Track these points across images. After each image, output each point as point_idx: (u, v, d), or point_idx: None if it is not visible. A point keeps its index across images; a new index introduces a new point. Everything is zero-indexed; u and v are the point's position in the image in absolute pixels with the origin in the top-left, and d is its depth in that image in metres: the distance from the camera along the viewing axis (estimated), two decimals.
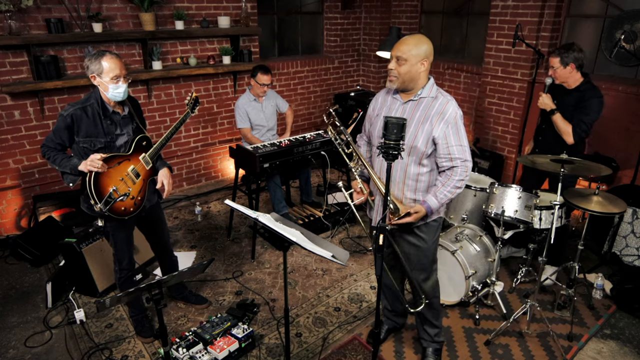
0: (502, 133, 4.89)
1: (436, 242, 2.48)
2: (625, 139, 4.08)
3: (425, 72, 2.21)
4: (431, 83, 2.25)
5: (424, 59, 2.16)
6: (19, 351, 2.80)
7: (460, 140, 2.20)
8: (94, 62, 2.36)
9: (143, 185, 2.60)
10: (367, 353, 2.78)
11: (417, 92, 2.23)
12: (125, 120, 2.57)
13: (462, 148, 2.20)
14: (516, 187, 3.13)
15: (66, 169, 2.40)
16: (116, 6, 4.12)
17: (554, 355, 2.79)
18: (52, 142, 2.43)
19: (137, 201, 2.57)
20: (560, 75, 3.17)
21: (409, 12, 5.80)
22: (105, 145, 2.47)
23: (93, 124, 2.43)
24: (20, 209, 4.11)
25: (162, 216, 2.95)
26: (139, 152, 2.56)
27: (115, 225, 2.61)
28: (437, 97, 2.22)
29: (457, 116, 2.18)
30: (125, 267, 2.74)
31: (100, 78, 2.38)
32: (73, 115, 2.38)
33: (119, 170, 2.47)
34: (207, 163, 5.21)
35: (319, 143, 3.87)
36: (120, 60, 2.41)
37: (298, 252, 3.86)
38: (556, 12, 4.31)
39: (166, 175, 2.64)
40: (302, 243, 1.96)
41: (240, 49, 4.85)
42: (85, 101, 2.44)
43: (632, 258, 3.55)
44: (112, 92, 2.41)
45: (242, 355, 2.75)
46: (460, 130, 2.20)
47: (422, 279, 2.51)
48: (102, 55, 2.37)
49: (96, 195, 2.37)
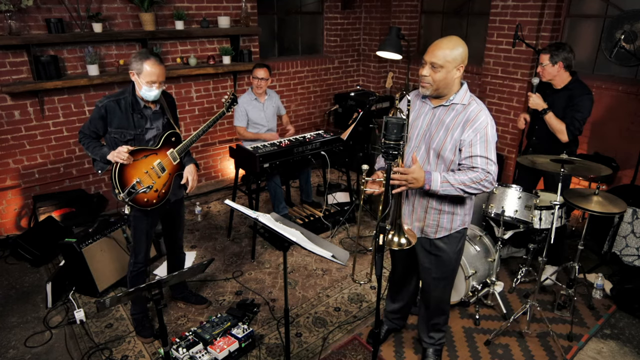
0: (502, 133, 4.89)
1: (459, 253, 2.39)
2: (625, 139, 4.08)
3: (459, 78, 2.09)
4: (464, 89, 2.13)
5: (460, 64, 2.03)
6: (19, 351, 2.80)
7: (487, 152, 2.06)
8: (137, 61, 2.47)
9: (169, 179, 2.69)
10: (367, 353, 2.78)
11: (449, 97, 2.12)
12: (156, 115, 2.66)
13: (486, 161, 2.06)
14: (516, 187, 3.13)
15: (97, 157, 2.54)
16: (116, 6, 4.11)
17: (554, 355, 2.79)
18: (87, 129, 2.56)
19: (161, 194, 2.66)
20: (548, 73, 3.17)
21: (409, 12, 5.80)
22: (135, 138, 2.58)
23: (124, 117, 2.54)
24: (20, 209, 4.11)
25: (183, 212, 3.05)
26: (167, 147, 2.67)
27: (139, 215, 2.69)
28: (470, 104, 2.10)
29: (488, 126, 2.05)
30: (140, 261, 2.79)
31: (137, 77, 2.49)
32: (107, 107, 2.51)
33: (144, 163, 2.58)
34: (207, 163, 5.21)
35: (319, 143, 3.87)
36: (161, 68, 2.51)
37: (298, 252, 3.86)
38: (556, 12, 4.31)
39: (191, 172, 2.77)
40: (302, 243, 1.96)
41: (240, 49, 4.85)
42: (120, 94, 2.57)
43: (632, 258, 3.55)
44: (144, 92, 2.53)
45: (242, 355, 2.75)
46: (489, 142, 2.06)
47: (441, 287, 2.46)
48: (147, 58, 2.47)
49: (120, 185, 2.48)
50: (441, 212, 2.24)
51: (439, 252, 2.34)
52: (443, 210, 2.23)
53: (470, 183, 2.05)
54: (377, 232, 1.87)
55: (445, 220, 2.26)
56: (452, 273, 2.45)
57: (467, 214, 2.30)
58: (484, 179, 2.05)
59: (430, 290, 2.49)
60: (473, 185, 2.06)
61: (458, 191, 2.07)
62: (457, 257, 2.40)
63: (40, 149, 4.05)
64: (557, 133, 3.15)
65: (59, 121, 4.08)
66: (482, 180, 2.05)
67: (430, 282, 2.46)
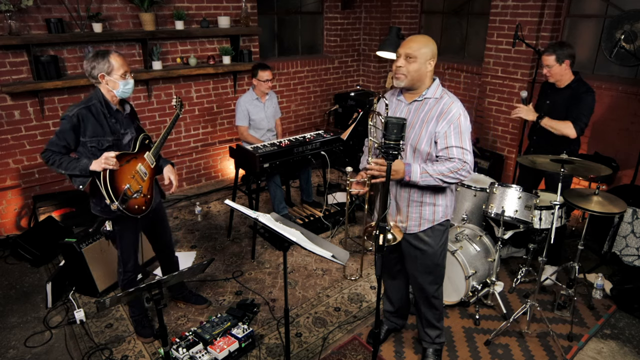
0: (502, 133, 4.89)
1: (443, 246, 2.43)
2: (625, 139, 4.08)
3: (431, 72, 2.20)
4: (436, 84, 2.23)
5: (431, 58, 2.16)
6: (19, 351, 2.80)
7: (462, 142, 2.14)
8: (101, 62, 2.38)
9: (150, 184, 2.63)
10: (367, 353, 2.78)
11: (421, 92, 2.22)
12: (128, 119, 2.60)
13: (462, 150, 2.14)
14: (516, 187, 3.13)
15: (75, 171, 2.37)
16: (116, 6, 4.11)
17: (554, 355, 2.79)
18: (55, 145, 2.39)
19: (147, 199, 2.59)
20: (556, 73, 3.16)
21: (409, 12, 5.80)
22: (113, 144, 2.49)
23: (99, 123, 2.43)
24: (20, 209, 4.11)
25: (165, 215, 2.97)
26: (143, 151, 2.60)
27: (125, 226, 2.62)
28: (442, 97, 2.19)
29: (460, 117, 2.14)
30: (129, 270, 2.74)
31: (110, 76, 2.40)
32: (79, 115, 2.37)
33: (129, 168, 2.49)
34: (207, 163, 5.21)
35: (319, 143, 3.87)
36: (124, 57, 2.46)
37: (298, 252, 3.86)
38: (556, 12, 4.32)
39: (172, 171, 2.72)
40: (302, 243, 1.96)
41: (240, 49, 4.85)
42: (88, 101, 2.44)
43: (632, 258, 3.55)
44: (122, 89, 2.45)
45: (242, 355, 2.75)
46: (463, 131, 2.15)
47: (428, 282, 2.49)
48: (108, 53, 2.40)
49: (112, 194, 2.36)
50: (422, 204, 2.29)
51: (424, 246, 2.37)
52: (425, 202, 2.29)
53: (448, 173, 2.12)
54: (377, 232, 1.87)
55: (427, 212, 2.31)
56: (438, 268, 2.46)
57: (449, 205, 2.36)
58: (461, 169, 2.13)
59: (418, 285, 2.51)
60: (451, 175, 2.13)
61: (437, 181, 2.14)
62: (442, 250, 2.43)
63: (40, 149, 4.03)
64: (564, 131, 3.10)
65: (58, 121, 4.07)
66: (460, 169, 2.13)
67: (417, 276, 2.48)
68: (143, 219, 2.64)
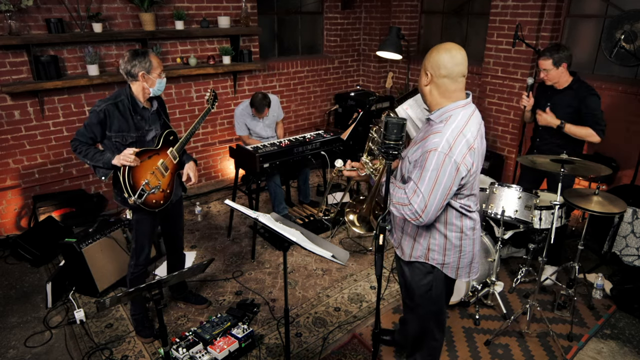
0: (502, 133, 4.89)
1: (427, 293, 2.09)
2: (625, 139, 4.08)
3: (434, 88, 1.90)
4: (446, 108, 1.87)
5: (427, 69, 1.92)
6: (19, 351, 2.80)
7: (420, 180, 1.79)
8: (142, 61, 2.46)
9: (171, 179, 2.71)
10: (367, 353, 2.78)
11: (431, 113, 1.95)
12: (154, 116, 2.66)
13: (414, 188, 1.81)
14: (516, 187, 3.12)
15: (99, 163, 2.47)
16: (116, 6, 4.11)
17: (554, 355, 2.79)
18: (83, 136, 2.49)
19: (167, 194, 2.67)
20: (553, 77, 3.15)
21: (409, 12, 5.80)
22: (137, 140, 2.57)
23: (124, 119, 2.51)
24: (20, 209, 4.11)
25: (182, 211, 3.04)
26: (166, 147, 2.67)
27: (143, 218, 2.68)
28: (440, 122, 1.86)
29: (433, 152, 1.76)
30: (141, 263, 2.78)
31: (149, 75, 2.48)
32: (106, 111, 2.45)
33: (149, 164, 2.57)
34: (207, 163, 5.21)
35: (319, 143, 3.88)
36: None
37: (298, 252, 3.86)
38: (556, 12, 4.31)
39: (192, 168, 2.80)
40: (302, 243, 1.96)
41: (240, 49, 4.85)
42: (116, 97, 2.52)
43: (632, 258, 3.55)
44: (157, 87, 2.55)
45: (242, 355, 2.75)
46: (426, 169, 1.77)
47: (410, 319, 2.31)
48: (148, 53, 2.49)
49: (130, 188, 2.44)
50: (404, 232, 2.10)
51: (405, 278, 2.19)
52: (405, 231, 2.09)
53: (395, 201, 1.88)
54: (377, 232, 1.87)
55: (406, 243, 2.10)
56: (419, 308, 2.17)
57: (436, 250, 2.00)
58: (405, 205, 1.84)
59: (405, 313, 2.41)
60: (396, 204, 1.88)
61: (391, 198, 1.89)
62: (424, 295, 2.10)
63: (40, 149, 4.05)
64: (587, 138, 3.09)
65: (59, 121, 4.08)
66: (404, 206, 1.85)
67: (403, 302, 2.38)
68: (162, 213, 2.72)
